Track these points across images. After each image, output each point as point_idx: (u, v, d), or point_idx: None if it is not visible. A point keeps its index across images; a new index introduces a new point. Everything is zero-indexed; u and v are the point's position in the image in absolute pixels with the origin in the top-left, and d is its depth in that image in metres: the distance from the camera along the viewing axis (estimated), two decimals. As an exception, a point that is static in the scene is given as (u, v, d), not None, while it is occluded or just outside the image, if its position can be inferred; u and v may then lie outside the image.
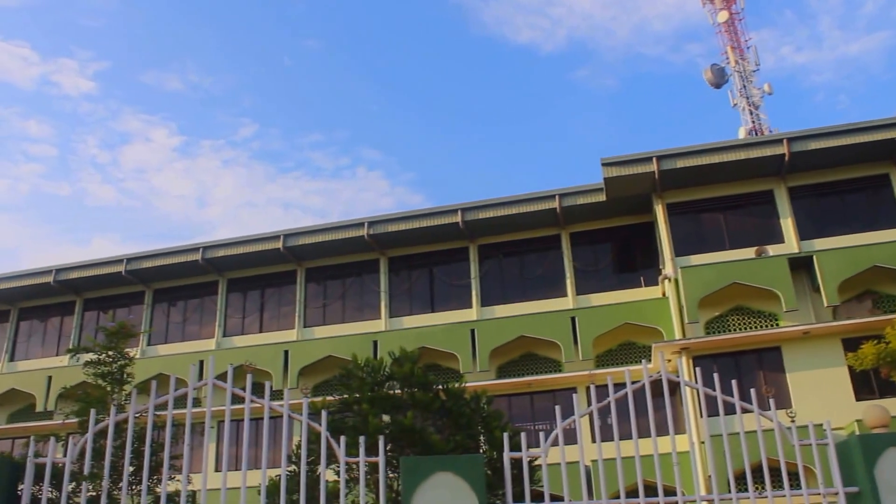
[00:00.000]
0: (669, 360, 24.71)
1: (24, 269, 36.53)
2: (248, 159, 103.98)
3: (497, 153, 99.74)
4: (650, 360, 24.38)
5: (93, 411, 8.31)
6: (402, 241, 31.67)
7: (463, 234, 30.89)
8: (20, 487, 7.88)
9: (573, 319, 28.06)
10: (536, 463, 7.89)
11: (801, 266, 25.75)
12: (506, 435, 7.76)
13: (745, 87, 55.45)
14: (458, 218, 30.18)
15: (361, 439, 7.43)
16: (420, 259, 32.16)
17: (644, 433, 7.67)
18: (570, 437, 22.57)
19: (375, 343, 29.07)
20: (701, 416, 23.26)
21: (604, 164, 27.38)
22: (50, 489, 7.99)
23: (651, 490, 7.67)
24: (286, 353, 30.82)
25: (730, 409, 8.36)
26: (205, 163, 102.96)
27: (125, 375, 13.24)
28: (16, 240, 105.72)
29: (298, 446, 8.16)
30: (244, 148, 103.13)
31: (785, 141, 26.48)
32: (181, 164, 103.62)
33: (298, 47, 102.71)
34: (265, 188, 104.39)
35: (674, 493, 7.77)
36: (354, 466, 7.88)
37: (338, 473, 7.74)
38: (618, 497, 7.39)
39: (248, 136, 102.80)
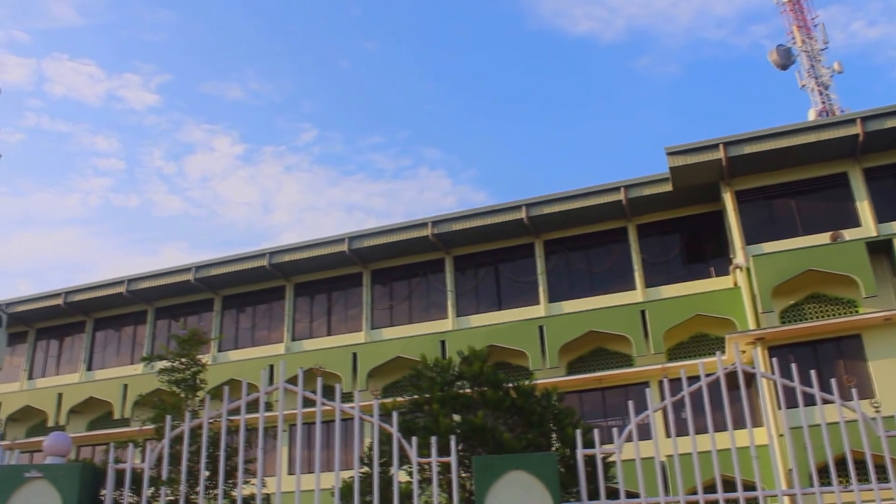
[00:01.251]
0: (744, 352, 24.18)
1: (97, 280, 37.49)
2: (310, 164, 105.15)
3: (559, 147, 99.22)
4: (724, 352, 23.92)
5: (168, 418, 8.45)
6: (467, 240, 31.62)
7: (528, 229, 30.70)
8: (102, 492, 8.04)
9: (643, 313, 27.69)
10: (610, 459, 7.77)
11: (879, 250, 24.93)
12: (578, 432, 7.64)
13: (813, 67, 54.13)
14: (522, 214, 30.01)
15: (433, 439, 7.39)
16: (485, 257, 32.07)
17: (720, 427, 7.47)
18: (644, 433, 22.16)
19: (443, 343, 29.09)
20: (779, 408, 22.72)
21: (669, 154, 26.94)
22: (130, 494, 8.13)
23: (729, 485, 7.47)
24: (355, 355, 31.04)
25: (809, 401, 8.10)
26: (267, 169, 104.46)
27: (198, 382, 13.44)
28: (89, 252, 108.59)
29: (370, 448, 8.16)
30: (306, 153, 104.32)
31: (858, 121, 25.67)
32: (244, 171, 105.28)
33: (356, 50, 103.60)
34: (328, 192, 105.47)
35: (753, 488, 7.57)
36: (427, 467, 7.84)
37: (410, 474, 7.70)
38: (695, 493, 7.22)
39: (310, 141, 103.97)
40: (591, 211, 29.76)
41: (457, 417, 10.67)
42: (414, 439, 7.50)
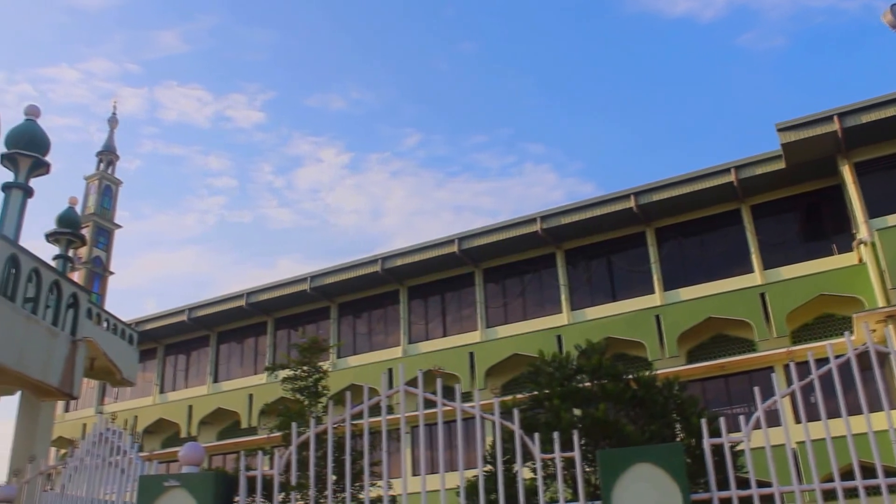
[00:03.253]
0: (874, 330, 23.10)
1: (218, 295, 38.79)
2: (416, 168, 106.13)
3: (664, 132, 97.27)
4: (853, 332, 23.00)
5: (294, 425, 8.66)
6: (577, 233, 31.33)
7: (638, 218, 30.22)
8: (236, 499, 8.31)
9: (762, 296, 26.90)
10: (739, 448, 7.57)
11: None
12: (703, 421, 7.47)
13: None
14: (631, 203, 29.57)
15: (555, 435, 7.34)
16: (597, 249, 31.72)
17: (854, 410, 7.18)
18: (772, 419, 21.56)
19: (559, 337, 28.92)
20: (915, 386, 21.73)
21: (780, 130, 26.07)
22: (262, 500, 8.37)
23: (868, 471, 7.16)
24: (471, 354, 31.17)
25: (949, 378, 7.71)
26: (374, 176, 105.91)
27: (320, 388, 13.75)
28: (208, 269, 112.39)
29: (492, 446, 8.17)
30: (410, 157, 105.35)
31: (982, 82, 24.31)
32: (352, 179, 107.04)
33: (453, 51, 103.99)
34: (435, 194, 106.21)
35: (895, 474, 7.24)
36: (550, 463, 7.80)
37: (533, 471, 7.67)
38: (831, 480, 6.95)
39: (413, 145, 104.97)
40: (702, 195, 29.04)
41: (577, 412, 10.58)
42: (536, 436, 7.47)
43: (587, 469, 9.29)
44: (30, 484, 10.64)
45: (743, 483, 7.15)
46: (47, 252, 21.63)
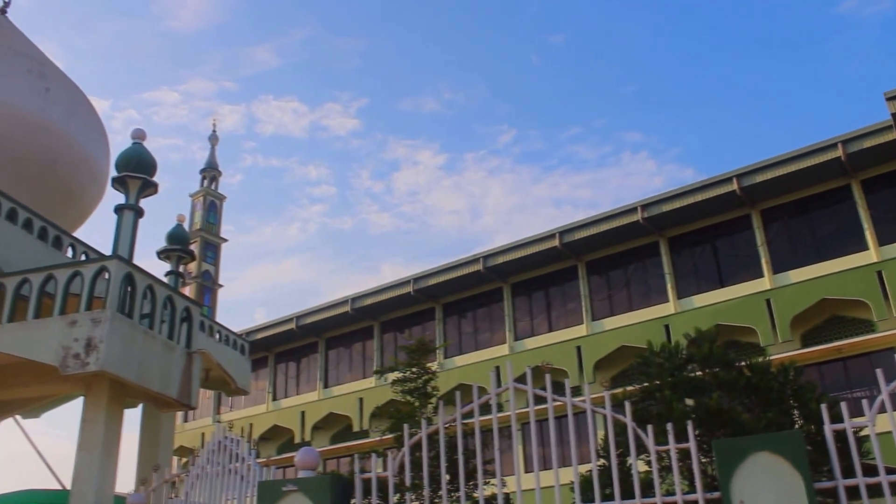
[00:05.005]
0: None
1: (324, 302, 39.52)
2: (512, 164, 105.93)
3: (763, 111, 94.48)
4: (979, 306, 21.89)
5: (405, 426, 8.75)
6: (680, 220, 30.71)
7: (742, 201, 29.41)
8: (352, 501, 8.46)
9: (879, 274, 25.82)
10: (863, 433, 7.29)
11: None
12: (824, 406, 7.22)
13: None
14: (734, 186, 28.80)
15: (669, 426, 7.23)
16: (700, 235, 31.02)
17: None
18: (897, 401, 20.74)
19: (667, 327, 28.45)
20: None
21: (888, 98, 24.93)
22: (377, 501, 8.49)
23: None
24: (578, 348, 30.94)
25: None
26: (471, 175, 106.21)
27: (430, 389, 13.84)
28: (313, 276, 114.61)
29: (603, 440, 8.09)
30: (506, 154, 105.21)
31: None
32: (449, 180, 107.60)
33: (542, 45, 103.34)
34: (533, 189, 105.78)
35: None
36: (665, 455, 7.68)
37: (648, 463, 7.56)
38: (966, 462, 6.63)
39: (508, 142, 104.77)
40: (808, 172, 27.99)
41: (689, 402, 10.38)
42: (649, 428, 7.37)
43: (703, 460, 9.10)
44: (156, 492, 11.05)
45: (870, 470, 6.88)
46: (159, 269, 22.45)
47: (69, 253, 18.22)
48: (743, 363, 10.43)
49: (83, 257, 18.27)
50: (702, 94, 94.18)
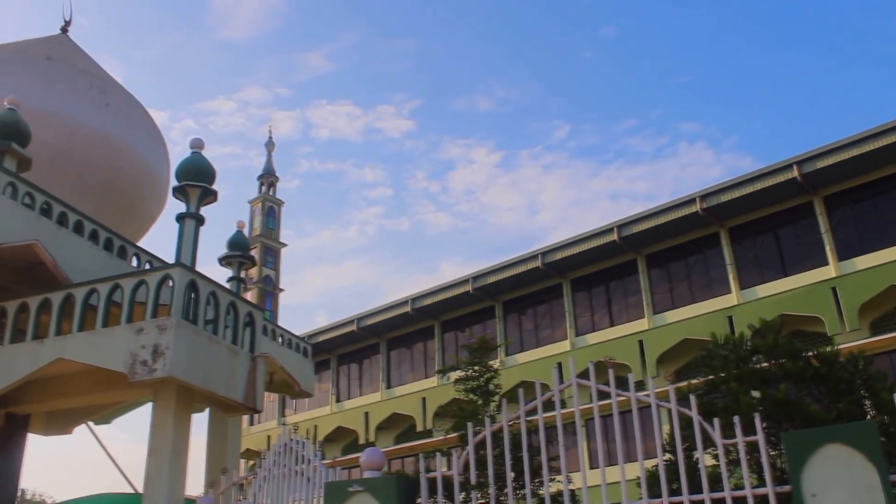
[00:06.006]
0: None
1: (384, 303, 39.78)
2: (568, 159, 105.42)
3: (821, 96, 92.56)
4: None
5: (469, 424, 8.76)
6: (739, 209, 30.19)
7: (803, 188, 28.81)
8: (418, 500, 8.50)
9: (951, 258, 25.11)
10: (939, 422, 7.11)
11: None
12: (896, 396, 7.07)
13: None
14: (794, 173, 28.23)
15: (736, 419, 7.13)
16: (762, 224, 30.46)
17: None
18: (973, 388, 20.17)
19: (730, 318, 28.01)
20: None
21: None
22: (443, 500, 8.51)
23: None
24: (640, 342, 30.63)
25: None
26: (527, 172, 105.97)
27: (492, 387, 13.83)
28: (372, 278, 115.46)
29: (669, 434, 8.01)
30: (561, 149, 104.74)
31: None
32: (505, 178, 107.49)
33: (594, 38, 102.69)
34: (589, 184, 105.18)
35: None
36: (732, 448, 7.58)
37: (715, 457, 7.47)
38: None
39: (563, 137, 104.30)
40: (872, 156, 27.22)
41: (756, 394, 10.22)
42: (715, 421, 7.28)
43: (772, 453, 8.96)
44: (224, 494, 11.24)
45: (947, 459, 6.71)
46: (221, 275, 22.80)
47: (134, 262, 18.63)
48: (810, 353, 10.24)
49: (147, 266, 18.66)
50: (757, 82, 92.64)
